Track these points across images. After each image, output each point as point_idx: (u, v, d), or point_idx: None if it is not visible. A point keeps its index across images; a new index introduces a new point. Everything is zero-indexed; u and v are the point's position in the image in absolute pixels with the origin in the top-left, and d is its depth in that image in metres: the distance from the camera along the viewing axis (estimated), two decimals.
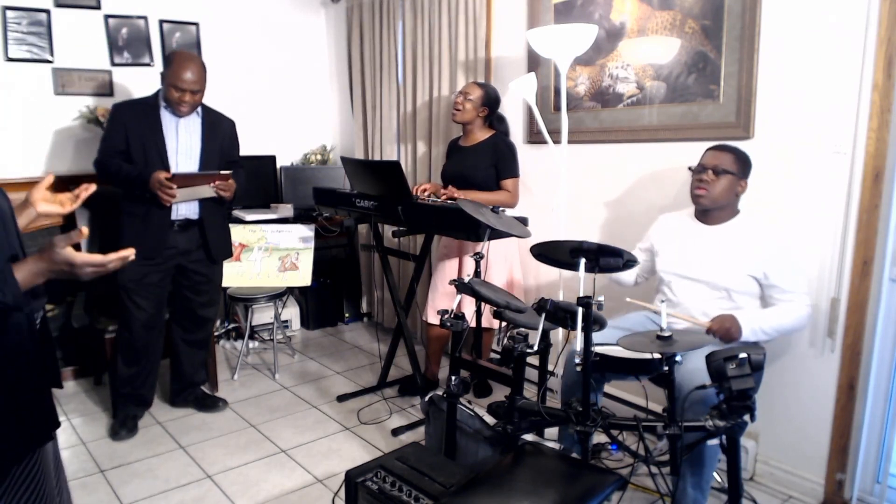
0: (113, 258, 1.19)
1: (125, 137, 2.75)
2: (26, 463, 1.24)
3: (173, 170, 2.76)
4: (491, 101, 3.05)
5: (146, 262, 2.80)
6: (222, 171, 2.77)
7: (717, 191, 2.19)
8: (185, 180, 2.69)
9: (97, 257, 1.17)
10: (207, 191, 2.78)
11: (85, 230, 1.20)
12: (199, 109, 2.88)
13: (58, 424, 1.29)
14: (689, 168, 2.28)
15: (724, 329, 2.07)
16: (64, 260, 1.13)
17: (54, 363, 1.39)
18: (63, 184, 1.54)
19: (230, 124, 3.04)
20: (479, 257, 2.51)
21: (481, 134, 3.09)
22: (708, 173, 2.19)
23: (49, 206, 1.31)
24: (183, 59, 2.74)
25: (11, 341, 1.17)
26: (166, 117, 2.80)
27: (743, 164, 2.21)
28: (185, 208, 2.85)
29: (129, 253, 1.23)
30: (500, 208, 2.47)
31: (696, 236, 2.29)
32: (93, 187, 1.46)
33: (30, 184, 1.41)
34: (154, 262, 2.82)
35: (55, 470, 1.37)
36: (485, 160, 3.03)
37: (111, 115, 2.84)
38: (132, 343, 2.89)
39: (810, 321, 2.19)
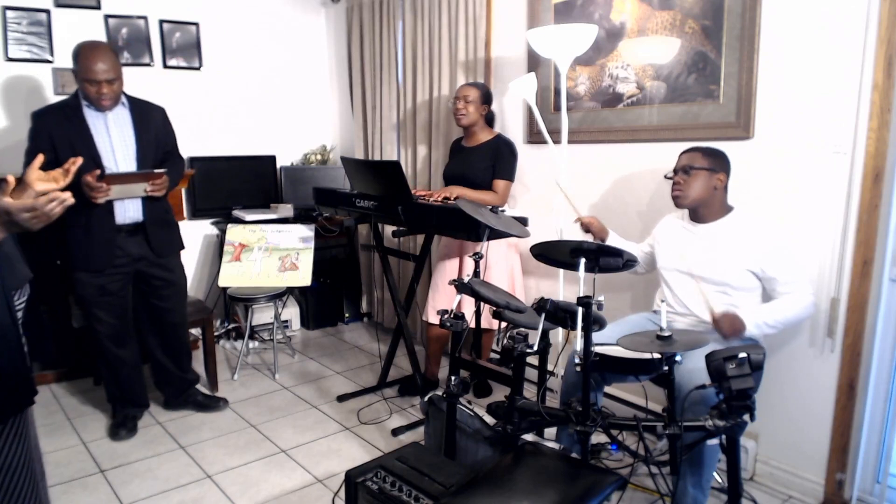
0: (43, 200, 1.26)
1: (52, 146, 2.55)
2: (10, 426, 1.35)
3: (109, 169, 2.64)
4: (489, 98, 3.09)
5: (99, 273, 2.71)
6: (156, 171, 2.66)
7: (691, 189, 2.22)
8: (117, 179, 2.57)
9: (27, 202, 1.25)
10: (140, 190, 2.66)
11: (11, 178, 1.31)
12: (125, 101, 2.74)
13: (34, 392, 1.38)
14: (665, 176, 2.32)
15: (729, 327, 2.07)
16: (1, 209, 1.23)
17: (46, 338, 1.51)
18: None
19: (160, 112, 2.89)
20: (478, 257, 2.52)
21: (484, 135, 3.10)
22: (679, 175, 2.24)
23: (45, 184, 1.40)
24: (89, 49, 2.57)
25: None
26: (91, 115, 2.65)
27: (714, 158, 2.24)
28: (131, 211, 2.73)
29: (66, 195, 1.30)
30: (499, 208, 2.48)
31: (692, 235, 2.32)
32: (79, 160, 1.53)
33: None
34: (107, 271, 2.72)
35: (35, 451, 1.48)
36: (485, 160, 3.03)
37: (32, 126, 2.65)
38: (103, 354, 2.84)
39: (815, 309, 2.19)
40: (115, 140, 2.70)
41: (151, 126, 2.80)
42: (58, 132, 2.60)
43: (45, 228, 1.32)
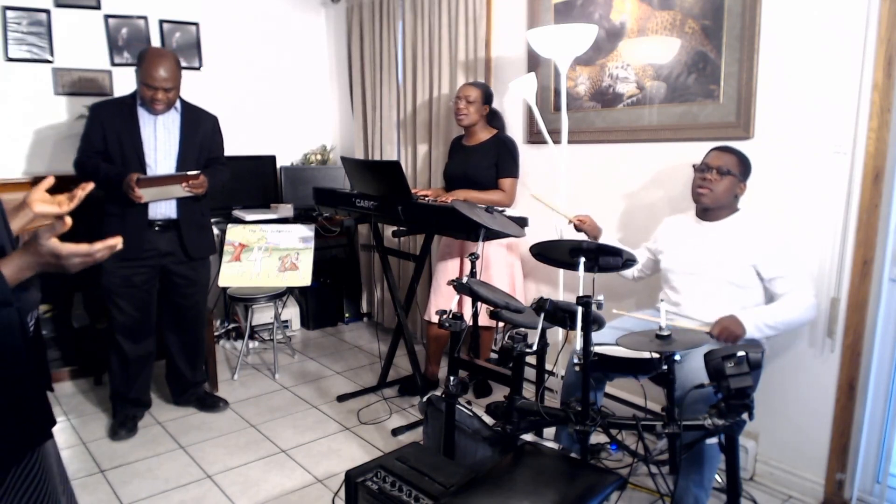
0: (99, 247, 1.16)
1: (103, 136, 2.73)
2: (25, 463, 1.23)
3: (150, 167, 2.77)
4: (490, 98, 3.09)
5: (126, 263, 2.77)
6: (190, 173, 2.73)
7: (719, 190, 2.21)
8: (151, 183, 2.67)
9: (83, 247, 1.14)
10: (179, 191, 2.75)
11: (69, 220, 1.18)
12: (179, 106, 2.84)
13: (54, 423, 1.27)
14: (693, 166, 2.29)
15: (726, 329, 2.07)
16: (49, 251, 1.10)
17: (45, 365, 1.37)
18: (64, 184, 1.55)
19: (212, 120, 2.99)
20: (474, 258, 2.52)
21: (484, 134, 3.11)
22: (712, 173, 2.22)
23: (46, 206, 1.30)
24: (154, 56, 2.68)
25: (3, 341, 1.13)
26: (143, 115, 2.77)
27: (744, 168, 2.24)
28: (164, 207, 2.82)
29: (117, 241, 1.19)
30: (496, 208, 2.48)
31: (698, 233, 2.31)
32: (90, 186, 1.44)
33: (30, 184, 1.40)
34: (134, 262, 2.79)
35: (59, 471, 1.35)
36: (488, 159, 3.04)
37: (90, 115, 2.81)
38: (119, 347, 2.87)
39: (817, 312, 2.17)
40: (160, 140, 2.80)
41: (199, 132, 2.90)
42: (110, 124, 2.74)
43: (78, 220, 1.22)
